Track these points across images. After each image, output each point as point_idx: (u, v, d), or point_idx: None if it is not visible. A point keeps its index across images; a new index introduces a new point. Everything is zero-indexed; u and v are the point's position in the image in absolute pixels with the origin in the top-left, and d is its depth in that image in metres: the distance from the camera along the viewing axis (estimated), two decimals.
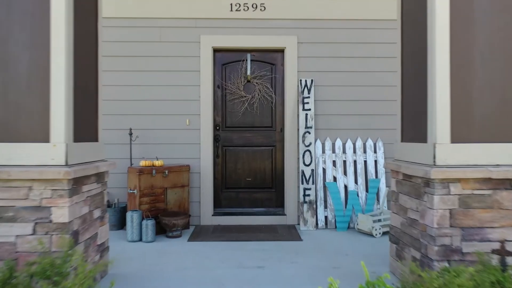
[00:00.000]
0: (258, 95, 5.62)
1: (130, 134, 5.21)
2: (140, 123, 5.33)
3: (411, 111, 3.33)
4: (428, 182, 2.88)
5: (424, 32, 3.03)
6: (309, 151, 5.24)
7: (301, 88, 5.35)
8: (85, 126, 3.18)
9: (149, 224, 4.53)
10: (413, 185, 3.12)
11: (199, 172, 5.36)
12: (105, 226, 3.45)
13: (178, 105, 5.34)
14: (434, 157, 2.85)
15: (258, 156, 5.65)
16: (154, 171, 4.81)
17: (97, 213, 3.28)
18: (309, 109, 5.30)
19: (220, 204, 5.62)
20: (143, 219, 4.62)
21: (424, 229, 2.93)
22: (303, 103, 5.33)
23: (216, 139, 5.57)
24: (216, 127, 5.60)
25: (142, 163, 4.89)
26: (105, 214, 3.46)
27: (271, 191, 5.64)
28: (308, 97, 5.33)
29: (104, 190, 3.47)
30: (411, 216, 3.14)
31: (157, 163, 4.95)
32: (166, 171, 4.93)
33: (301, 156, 5.23)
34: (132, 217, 4.55)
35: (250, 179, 5.64)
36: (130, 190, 4.83)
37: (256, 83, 5.61)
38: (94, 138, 3.37)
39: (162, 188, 4.92)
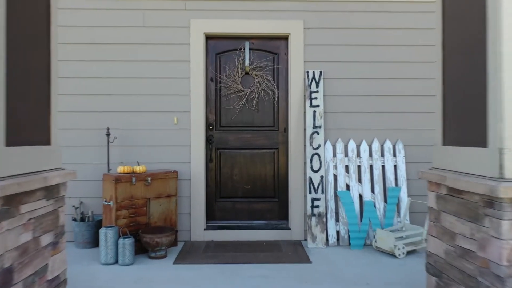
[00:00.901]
0: (258, 89, 4.84)
1: (108, 134, 4.42)
2: (120, 121, 4.54)
3: (459, 106, 2.54)
4: (491, 202, 2.09)
5: (480, 12, 2.25)
6: (318, 154, 4.45)
7: (308, 81, 4.57)
8: (28, 125, 2.39)
9: (126, 244, 3.74)
10: (466, 204, 2.33)
11: (189, 179, 4.57)
12: (60, 254, 2.65)
13: (164, 101, 4.55)
14: (501, 168, 2.06)
15: (258, 160, 4.86)
16: (134, 179, 4.02)
17: (46, 239, 2.48)
18: (318, 106, 4.52)
19: (213, 216, 4.83)
20: (120, 236, 3.83)
21: (485, 265, 2.15)
22: (311, 99, 4.55)
23: (209, 140, 4.79)
24: (209, 126, 4.82)
25: (120, 169, 4.10)
26: (60, 239, 2.66)
27: (273, 201, 4.85)
28: (317, 91, 4.55)
29: (60, 207, 2.67)
30: (462, 244, 2.35)
31: (138, 169, 4.16)
32: (149, 179, 4.14)
33: (308, 160, 4.45)
34: (106, 235, 3.75)
35: (249, 187, 4.85)
36: (106, 201, 4.04)
37: (256, 75, 4.83)
38: (45, 141, 2.57)
39: (144, 198, 4.13)
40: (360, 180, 4.55)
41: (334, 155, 4.57)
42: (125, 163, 4.52)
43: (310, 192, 4.40)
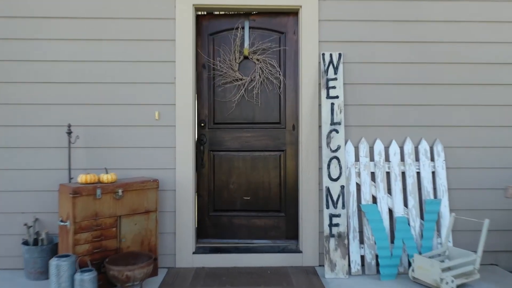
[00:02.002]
0: (260, 77, 3.87)
1: (69, 133, 3.44)
2: (84, 116, 3.55)
3: None
4: None
5: None
6: (337, 158, 3.49)
7: (324, 66, 3.61)
8: None
9: (85, 280, 2.75)
10: None
11: (174, 189, 3.59)
12: None
13: (142, 91, 3.57)
14: None
15: (260, 165, 3.89)
16: (99, 191, 3.04)
17: None
18: (336, 97, 3.56)
19: (205, 234, 3.86)
20: (77, 270, 2.86)
21: None
22: (328, 88, 3.58)
23: (200, 140, 3.82)
24: (200, 123, 3.86)
25: (81, 178, 3.11)
26: None
27: (279, 216, 3.88)
28: (335, 79, 3.59)
29: None
30: None
31: (106, 178, 3.17)
32: (120, 190, 3.16)
33: (325, 166, 3.48)
34: (58, 269, 2.77)
35: (249, 198, 3.88)
36: (61, 221, 3.06)
37: (257, 60, 3.86)
38: None
39: (113, 216, 3.15)
40: (389, 191, 3.59)
41: (357, 159, 3.62)
42: (91, 169, 3.53)
43: (327, 207, 3.43)
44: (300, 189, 3.69)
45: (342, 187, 3.44)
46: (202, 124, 3.89)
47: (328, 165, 3.46)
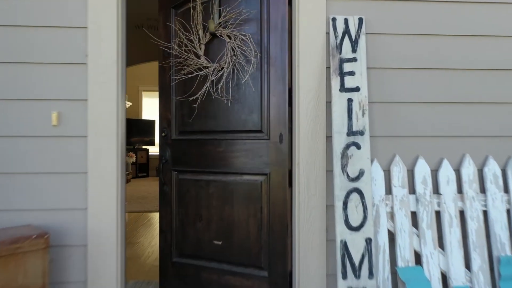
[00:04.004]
0: (231, 61, 2.43)
1: None
2: None
3: None
4: None
5: None
6: (359, 191, 2.07)
7: (336, 39, 2.19)
8: None
9: None
10: None
11: (85, 243, 2.10)
12: None
13: (27, 77, 2.06)
14: None
15: (235, 194, 2.43)
16: None
17: None
18: (357, 89, 2.14)
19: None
20: None
21: None
22: (341, 75, 2.16)
23: (161, 156, 2.41)
24: (162, 132, 2.46)
25: None
26: None
27: (259, 275, 2.43)
28: (353, 59, 2.17)
29: None
30: None
31: None
32: None
33: (338, 204, 2.05)
34: None
35: (220, 243, 2.44)
36: None
37: (229, 36, 2.43)
38: None
39: None
40: (441, 244, 2.20)
41: (388, 190, 2.21)
42: None
43: (344, 275, 2.00)
44: (295, 239, 2.25)
45: (368, 241, 2.01)
46: (164, 134, 2.51)
47: (345, 203, 2.03)
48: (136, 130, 10.10)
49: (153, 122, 10.53)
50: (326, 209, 2.17)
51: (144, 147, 10.34)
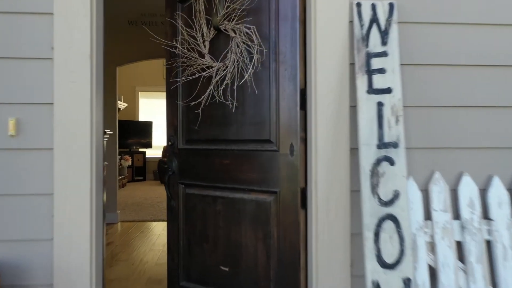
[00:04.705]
0: (236, 59, 2.02)
1: None
2: None
3: None
4: None
5: None
6: (394, 219, 1.64)
7: (362, 28, 1.76)
8: None
9: None
10: None
11: (50, 283, 1.67)
12: None
13: None
14: None
15: (242, 213, 2.04)
16: None
17: None
18: (388, 90, 1.72)
19: None
20: None
21: None
22: (369, 73, 1.74)
23: (168, 168, 2.13)
24: (169, 140, 2.10)
25: None
26: None
27: None
28: (384, 54, 1.75)
29: None
30: None
31: None
32: None
33: (368, 235, 1.61)
34: None
35: (227, 270, 2.04)
36: None
37: (233, 31, 2.01)
38: None
39: None
40: (493, 282, 1.78)
41: (427, 215, 1.78)
42: None
43: None
44: (311, 273, 1.82)
45: (407, 282, 1.58)
46: (170, 142, 2.17)
47: (376, 234, 1.61)
48: (132, 132, 9.68)
49: (150, 123, 10.10)
50: (350, 238, 1.75)
51: (141, 149, 9.92)
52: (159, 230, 4.86)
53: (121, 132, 9.14)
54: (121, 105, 8.90)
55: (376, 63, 1.72)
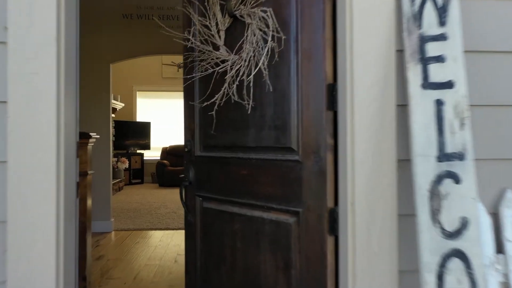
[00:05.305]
0: (252, 48, 1.62)
1: None
2: None
3: None
4: None
5: None
6: (463, 255, 1.22)
7: (413, 5, 1.32)
8: None
9: None
10: None
11: None
12: None
13: None
14: None
15: (261, 235, 1.66)
16: None
17: None
18: (449, 84, 1.29)
19: None
20: None
21: None
22: (423, 61, 1.32)
23: (186, 173, 1.79)
24: (186, 145, 1.85)
25: None
26: None
27: None
28: (442, 36, 1.33)
29: None
30: None
31: None
32: None
33: (428, 276, 1.15)
34: None
35: None
36: None
37: (249, 16, 1.61)
38: None
39: None
40: None
41: (499, 247, 1.37)
42: None
43: None
44: None
45: None
46: (187, 149, 1.85)
47: (440, 277, 1.18)
48: (130, 133, 9.26)
49: (148, 124, 9.69)
50: (398, 278, 1.33)
51: (138, 151, 9.50)
52: (155, 240, 4.45)
53: (118, 133, 8.73)
54: (118, 105, 8.48)
55: (432, 49, 1.30)
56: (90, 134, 2.33)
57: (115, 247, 4.17)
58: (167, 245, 4.26)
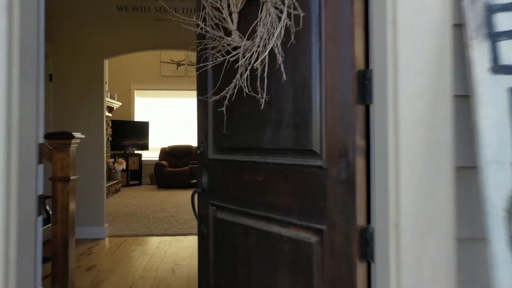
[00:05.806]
0: (266, 30, 1.31)
1: None
2: None
3: None
4: None
5: None
6: None
7: None
8: None
9: None
10: None
11: None
12: None
13: None
14: None
15: (279, 255, 1.38)
16: None
17: None
18: None
19: None
20: None
21: None
22: (491, 37, 1.00)
23: (199, 179, 1.49)
24: (199, 147, 1.60)
25: None
26: None
27: None
28: None
29: None
30: None
31: None
32: None
33: None
34: None
35: None
36: None
37: None
38: None
39: None
40: None
41: None
42: None
43: None
44: None
45: None
46: (200, 150, 1.53)
47: None
48: (127, 133, 8.95)
49: (146, 124, 9.37)
50: None
51: (136, 151, 9.19)
52: (152, 248, 4.13)
53: (115, 133, 8.41)
54: (115, 104, 8.16)
55: (503, 21, 0.99)
56: (73, 134, 2.02)
57: (108, 256, 3.86)
58: (164, 253, 3.94)
